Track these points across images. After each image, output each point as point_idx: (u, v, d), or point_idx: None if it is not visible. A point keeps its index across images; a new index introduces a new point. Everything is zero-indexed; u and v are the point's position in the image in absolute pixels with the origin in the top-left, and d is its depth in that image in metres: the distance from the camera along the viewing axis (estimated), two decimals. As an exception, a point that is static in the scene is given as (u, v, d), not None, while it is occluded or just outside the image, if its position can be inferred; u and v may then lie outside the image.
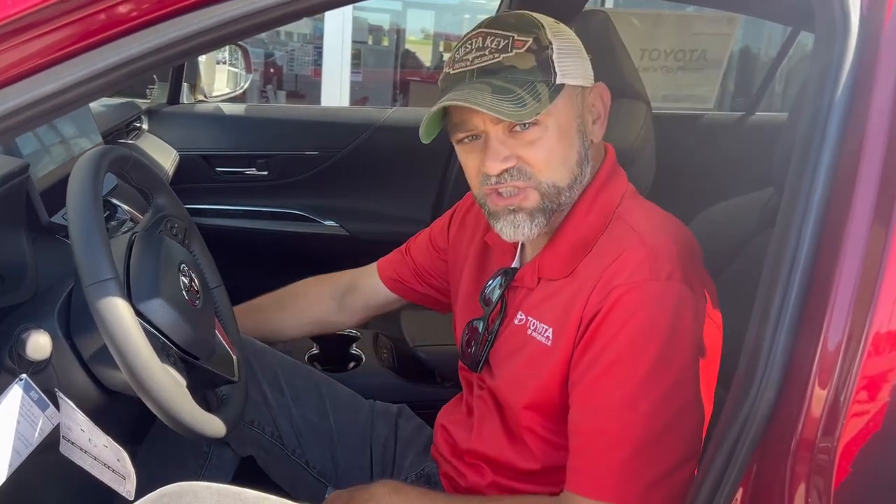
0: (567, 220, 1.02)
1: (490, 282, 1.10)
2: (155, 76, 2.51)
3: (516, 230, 0.99)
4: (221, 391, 1.13)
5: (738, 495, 0.79)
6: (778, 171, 1.07)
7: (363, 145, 2.47)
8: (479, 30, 0.97)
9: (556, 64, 0.95)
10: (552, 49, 0.95)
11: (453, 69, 0.98)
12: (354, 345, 1.74)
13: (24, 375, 0.94)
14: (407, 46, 7.47)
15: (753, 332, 0.80)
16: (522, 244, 1.10)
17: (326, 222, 2.48)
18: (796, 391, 0.75)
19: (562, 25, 1.00)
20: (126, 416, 1.12)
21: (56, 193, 1.28)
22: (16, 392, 0.93)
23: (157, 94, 2.53)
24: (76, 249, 0.89)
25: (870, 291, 0.72)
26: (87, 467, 0.98)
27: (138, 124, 2.32)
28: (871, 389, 0.73)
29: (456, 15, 8.09)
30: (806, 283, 0.77)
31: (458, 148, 1.03)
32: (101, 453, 0.96)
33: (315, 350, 1.71)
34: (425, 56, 7.51)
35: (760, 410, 0.76)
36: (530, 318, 1.03)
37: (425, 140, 1.01)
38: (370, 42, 7.31)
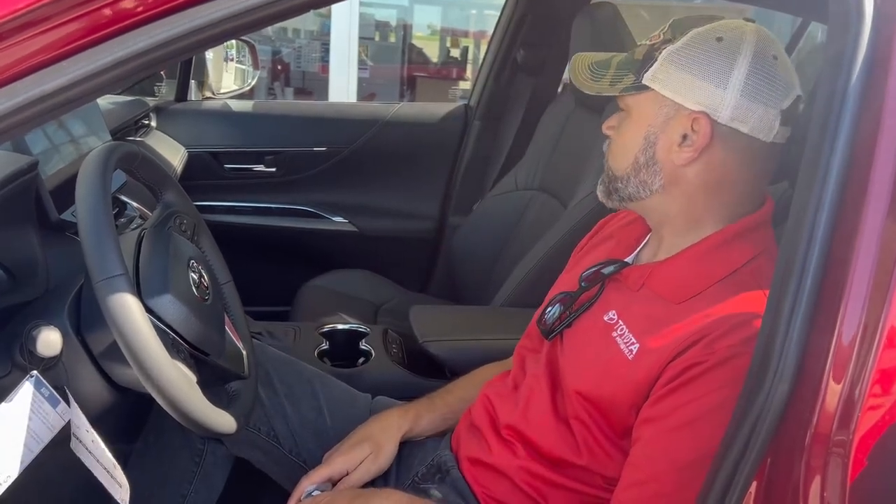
0: (693, 247, 1.00)
1: (597, 265, 1.09)
2: (163, 73, 2.52)
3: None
4: (232, 387, 1.13)
5: (753, 489, 0.79)
6: (793, 164, 1.06)
7: (371, 141, 2.47)
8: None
9: (653, 66, 0.96)
10: (661, 53, 0.95)
11: None
12: (364, 340, 1.74)
13: (34, 372, 0.95)
14: (414, 42, 7.46)
15: (767, 324, 0.79)
16: (643, 247, 1.10)
17: (335, 218, 2.48)
18: (811, 384, 0.74)
19: (718, 44, 0.94)
20: (120, 414, 1.12)
21: (66, 191, 1.28)
22: (27, 389, 0.93)
23: (165, 91, 2.54)
24: (85, 246, 0.89)
25: (885, 283, 0.71)
26: (90, 467, 0.99)
27: (147, 121, 2.33)
28: (887, 382, 0.72)
29: (463, 10, 8.07)
30: (820, 276, 0.76)
31: None
32: (101, 456, 0.97)
33: (325, 346, 1.71)
34: (432, 52, 7.50)
35: (774, 404, 0.76)
36: (621, 322, 1.01)
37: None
38: (377, 38, 7.31)
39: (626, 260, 1.09)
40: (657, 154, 0.98)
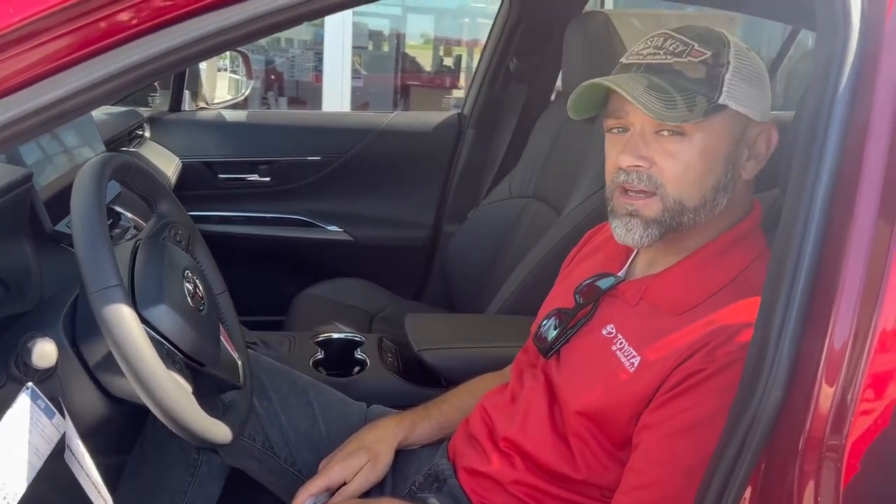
0: (689, 258, 1.00)
1: (590, 279, 1.09)
2: (156, 84, 2.52)
3: (627, 233, 0.97)
4: (227, 397, 1.12)
5: (747, 494, 0.79)
6: (784, 171, 1.07)
7: (365, 150, 2.48)
8: (663, 31, 0.98)
9: (725, 83, 0.93)
10: (727, 68, 0.93)
11: (626, 60, 0.99)
12: (359, 349, 1.73)
13: (30, 384, 0.94)
14: (407, 51, 7.48)
15: (759, 330, 0.80)
16: (634, 258, 1.09)
17: (329, 227, 2.48)
18: (803, 389, 0.75)
19: (752, 54, 0.97)
20: (115, 425, 1.12)
21: (60, 202, 1.29)
22: (23, 400, 0.93)
23: (158, 101, 2.54)
24: (80, 257, 0.89)
25: (875, 288, 0.72)
26: (81, 482, 0.98)
27: (141, 132, 2.33)
28: (879, 386, 0.73)
29: (456, 19, 8.09)
30: (811, 281, 0.76)
31: (606, 138, 1.02)
32: (91, 472, 0.96)
33: (320, 355, 1.70)
34: (426, 61, 7.52)
35: (768, 409, 0.76)
36: (619, 335, 1.01)
37: (573, 115, 1.02)
38: (370, 47, 7.33)
39: (619, 274, 1.08)
40: (734, 172, 0.97)
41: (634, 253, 1.10)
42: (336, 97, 5.81)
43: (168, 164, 2.26)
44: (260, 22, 0.74)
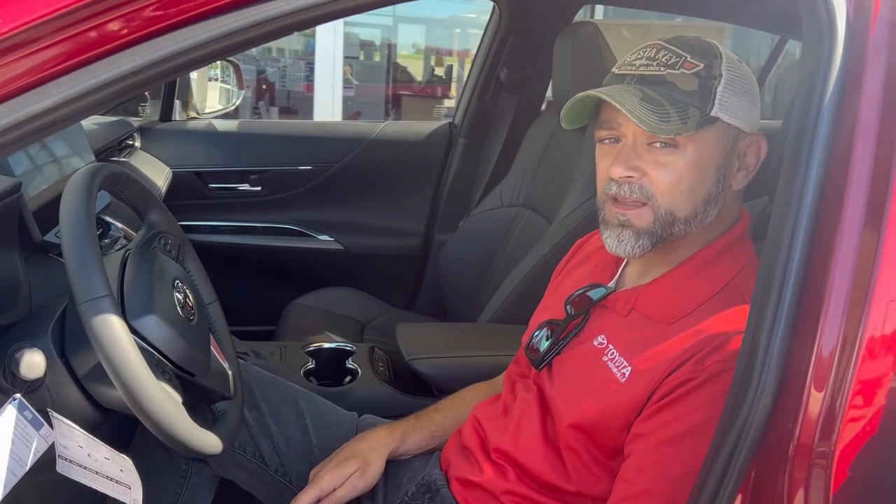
0: (679, 267, 1.01)
1: (581, 290, 1.09)
2: (147, 93, 2.52)
3: (619, 244, 0.98)
4: (217, 407, 1.12)
5: (738, 501, 0.79)
6: (772, 179, 1.07)
7: (356, 159, 2.48)
8: (656, 41, 0.98)
9: (717, 96, 0.93)
10: (720, 81, 0.94)
11: (618, 70, 0.99)
12: (350, 359, 1.73)
13: (17, 395, 0.94)
14: (398, 61, 7.51)
15: (749, 337, 0.80)
16: (624, 268, 1.09)
17: (321, 236, 2.48)
18: (793, 396, 0.75)
19: (743, 66, 0.98)
20: (104, 436, 1.12)
21: (49, 212, 1.28)
22: (10, 412, 0.92)
23: (149, 111, 2.54)
24: (69, 267, 0.89)
25: (863, 295, 0.72)
26: (88, 483, 0.98)
27: (131, 142, 2.33)
28: (867, 393, 0.73)
29: (447, 29, 8.13)
30: (799, 289, 0.77)
31: (597, 148, 1.02)
32: (102, 467, 0.96)
33: (311, 365, 1.70)
34: (417, 70, 7.55)
35: (758, 416, 0.76)
36: (611, 346, 1.01)
37: (565, 125, 1.03)
38: (362, 57, 7.35)
39: (609, 285, 1.09)
40: (725, 183, 0.97)
41: (624, 263, 1.10)
42: (327, 107, 5.83)
43: (158, 174, 2.25)
44: (251, 31, 0.74)
